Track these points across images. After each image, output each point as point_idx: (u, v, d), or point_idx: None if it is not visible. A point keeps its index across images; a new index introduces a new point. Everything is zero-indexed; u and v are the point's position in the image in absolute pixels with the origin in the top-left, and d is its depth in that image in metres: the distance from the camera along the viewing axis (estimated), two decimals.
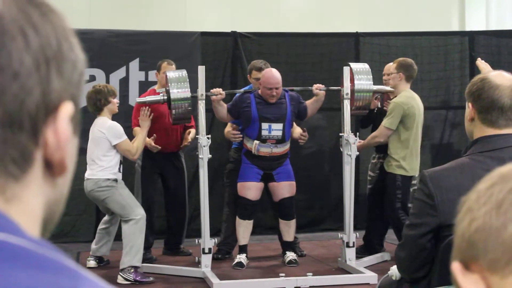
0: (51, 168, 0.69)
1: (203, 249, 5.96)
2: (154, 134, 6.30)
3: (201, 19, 9.50)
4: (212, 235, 6.16)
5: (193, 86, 6.21)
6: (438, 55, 8.60)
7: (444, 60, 8.61)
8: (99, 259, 6.34)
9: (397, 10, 10.05)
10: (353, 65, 6.42)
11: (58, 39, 0.69)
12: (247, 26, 8.58)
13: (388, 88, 6.45)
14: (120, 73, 7.68)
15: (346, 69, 6.38)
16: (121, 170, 5.98)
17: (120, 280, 5.76)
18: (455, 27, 10.30)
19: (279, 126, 6.18)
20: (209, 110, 6.58)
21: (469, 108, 2.47)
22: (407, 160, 6.26)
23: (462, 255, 0.85)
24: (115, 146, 5.88)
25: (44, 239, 0.66)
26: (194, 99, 6.18)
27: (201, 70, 6.10)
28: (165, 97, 6.05)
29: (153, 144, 6.31)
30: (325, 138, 8.26)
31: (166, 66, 6.55)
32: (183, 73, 6.09)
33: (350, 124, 6.30)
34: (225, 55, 8.12)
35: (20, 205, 0.67)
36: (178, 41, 7.84)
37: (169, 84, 5.99)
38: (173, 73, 6.15)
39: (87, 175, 5.90)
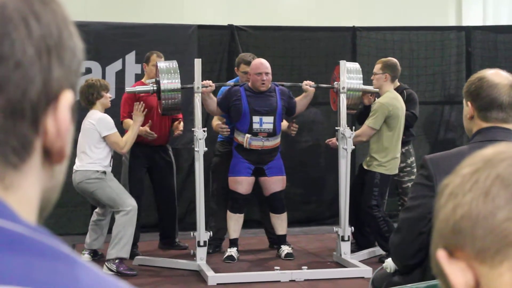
0: (50, 156, 0.70)
1: (198, 242, 5.96)
2: (150, 121, 6.26)
3: (198, 12, 9.48)
4: (207, 228, 6.16)
5: (190, 79, 6.20)
6: (434, 50, 8.60)
7: (441, 55, 8.61)
8: (94, 253, 6.33)
9: (394, 5, 10.04)
10: (343, 64, 6.41)
11: (59, 28, 0.69)
12: (243, 19, 8.57)
13: (373, 88, 6.48)
14: (116, 65, 7.66)
15: (342, 64, 6.39)
16: (111, 164, 5.97)
17: (104, 270, 5.75)
18: (452, 22, 10.31)
19: (270, 119, 6.18)
20: None
21: (467, 106, 2.50)
22: (388, 159, 6.27)
23: (445, 242, 0.82)
24: (104, 138, 5.87)
25: (41, 226, 0.66)
26: (185, 91, 6.16)
27: (198, 63, 6.09)
28: (155, 87, 6.04)
29: (148, 130, 6.28)
30: (321, 132, 8.26)
31: (156, 59, 6.53)
32: (174, 64, 6.08)
33: (346, 118, 6.31)
34: (221, 48, 8.11)
35: (18, 193, 0.67)
36: (175, 34, 7.83)
37: (160, 75, 5.98)
38: (163, 63, 6.13)
39: (75, 167, 5.87)
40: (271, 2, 9.94)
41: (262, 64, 6.20)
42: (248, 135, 6.16)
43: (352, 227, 6.29)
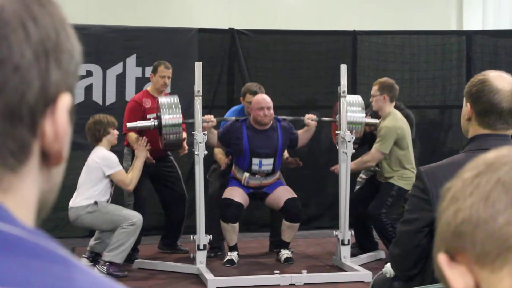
0: (48, 158, 0.70)
1: (198, 245, 5.96)
2: (149, 144, 6.15)
3: (199, 15, 9.49)
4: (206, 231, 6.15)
5: (190, 83, 6.20)
6: (435, 54, 8.60)
7: (441, 59, 8.61)
8: (96, 255, 6.31)
9: (395, 9, 10.05)
10: (344, 67, 6.41)
11: (57, 30, 0.69)
12: (244, 23, 8.58)
13: (376, 120, 6.45)
14: (117, 69, 7.67)
15: (343, 67, 6.39)
16: (109, 201, 5.96)
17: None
18: (452, 27, 10.31)
19: (270, 161, 6.23)
20: (206, 107, 6.54)
21: (467, 107, 2.48)
22: (409, 176, 6.26)
23: (447, 246, 0.83)
24: (108, 176, 5.88)
25: (38, 228, 0.66)
26: (186, 92, 6.15)
27: (198, 66, 6.10)
28: (156, 123, 6.05)
29: (148, 156, 6.22)
30: (321, 136, 8.25)
31: (163, 70, 6.43)
32: (175, 98, 6.10)
33: (346, 122, 6.31)
34: (222, 52, 8.11)
35: (15, 196, 0.67)
36: (175, 38, 7.83)
37: (161, 110, 5.99)
38: (165, 98, 6.14)
39: (70, 202, 5.90)
40: (272, 6, 9.94)
41: (263, 99, 6.21)
42: (246, 174, 6.23)
43: (352, 231, 6.29)
